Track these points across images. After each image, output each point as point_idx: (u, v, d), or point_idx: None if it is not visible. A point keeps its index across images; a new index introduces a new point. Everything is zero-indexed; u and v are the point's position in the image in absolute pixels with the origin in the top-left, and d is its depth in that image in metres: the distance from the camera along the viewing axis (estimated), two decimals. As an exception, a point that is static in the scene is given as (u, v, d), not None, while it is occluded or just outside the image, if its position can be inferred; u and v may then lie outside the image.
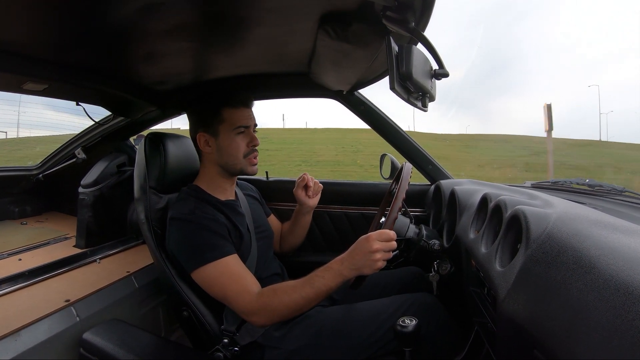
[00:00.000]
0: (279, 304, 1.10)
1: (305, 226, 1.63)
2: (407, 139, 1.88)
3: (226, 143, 1.30)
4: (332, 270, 1.09)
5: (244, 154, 1.31)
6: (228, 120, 1.29)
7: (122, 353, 1.10)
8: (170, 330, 1.71)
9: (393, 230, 1.09)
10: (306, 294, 1.09)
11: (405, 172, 1.25)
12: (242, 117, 1.31)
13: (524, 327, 0.68)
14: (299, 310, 1.12)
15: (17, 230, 2.22)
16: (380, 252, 1.04)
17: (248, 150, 1.32)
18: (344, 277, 1.08)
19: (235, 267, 1.18)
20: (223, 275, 1.15)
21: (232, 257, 1.19)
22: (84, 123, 2.10)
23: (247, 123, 1.31)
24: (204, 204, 1.26)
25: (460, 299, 1.28)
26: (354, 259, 1.06)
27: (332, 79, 1.58)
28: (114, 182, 2.04)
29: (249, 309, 1.13)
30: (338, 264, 1.09)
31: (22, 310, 1.19)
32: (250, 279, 1.18)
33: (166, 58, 1.31)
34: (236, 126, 1.29)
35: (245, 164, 1.32)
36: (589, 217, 0.79)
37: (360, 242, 1.07)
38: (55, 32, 1.06)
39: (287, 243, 1.66)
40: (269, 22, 1.06)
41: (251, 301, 1.12)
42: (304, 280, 1.12)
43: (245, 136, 1.32)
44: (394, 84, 0.80)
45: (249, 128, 1.32)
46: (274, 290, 1.14)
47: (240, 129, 1.30)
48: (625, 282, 0.51)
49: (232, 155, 1.31)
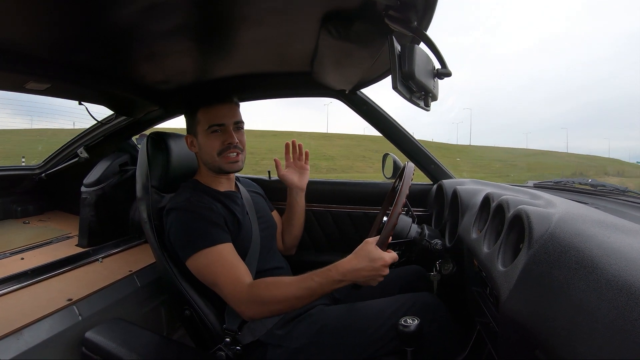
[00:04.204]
0: (269, 297, 1.10)
1: (301, 212, 1.64)
2: (409, 138, 1.88)
3: (202, 142, 1.33)
4: (331, 278, 1.07)
5: (217, 152, 1.32)
6: (202, 120, 1.32)
7: (124, 352, 1.10)
8: (173, 329, 1.71)
9: (395, 230, 1.09)
10: (300, 293, 1.09)
11: (407, 171, 1.25)
12: (215, 115, 1.32)
13: (526, 327, 0.68)
14: (289, 307, 1.12)
15: (19, 229, 2.22)
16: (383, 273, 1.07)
17: (222, 147, 1.32)
18: (341, 286, 1.08)
19: (228, 255, 1.18)
20: (215, 263, 1.16)
21: (226, 245, 1.20)
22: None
23: (221, 121, 1.32)
24: (200, 193, 1.29)
25: (463, 298, 1.28)
26: (358, 273, 1.06)
27: (335, 79, 1.58)
28: (116, 182, 2.04)
29: (238, 299, 1.13)
30: (339, 274, 1.06)
31: (24, 309, 1.19)
32: (243, 268, 1.18)
33: (169, 57, 1.31)
34: (209, 125, 1.31)
35: (221, 162, 1.33)
36: (592, 217, 0.79)
37: (373, 260, 1.06)
38: (57, 32, 1.06)
39: (288, 234, 1.66)
40: (271, 22, 1.06)
41: (241, 291, 1.12)
42: (300, 279, 1.11)
43: (220, 135, 1.32)
44: (397, 83, 0.80)
45: (224, 126, 1.32)
46: (267, 283, 1.13)
47: (214, 128, 1.31)
48: (628, 282, 0.51)
49: (208, 154, 1.34)
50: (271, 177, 2.08)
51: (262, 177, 2.10)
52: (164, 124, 2.10)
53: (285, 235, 1.67)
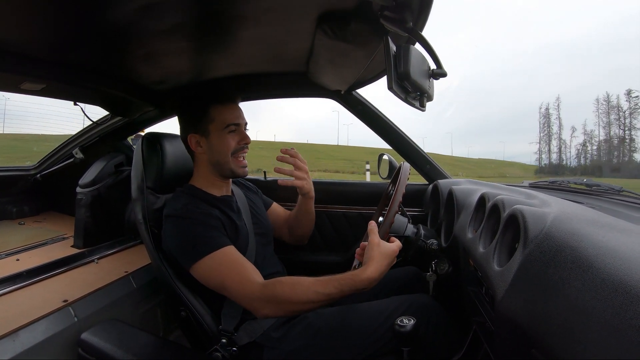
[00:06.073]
0: (284, 298, 1.08)
1: (309, 212, 1.57)
2: (405, 138, 1.89)
3: (217, 142, 1.30)
4: (354, 287, 1.04)
5: (232, 151, 1.31)
6: (218, 119, 1.29)
7: (120, 353, 1.10)
8: (169, 330, 1.70)
9: (391, 230, 1.09)
10: (317, 298, 1.06)
11: (403, 171, 1.25)
12: (231, 115, 1.31)
13: (522, 327, 0.68)
14: (304, 309, 1.12)
15: (14, 230, 2.20)
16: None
17: (238, 147, 1.31)
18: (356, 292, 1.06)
19: (233, 256, 1.17)
20: (222, 266, 1.15)
21: (229, 247, 1.18)
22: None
23: (238, 121, 1.31)
24: (197, 200, 1.27)
25: (459, 298, 1.28)
26: (381, 275, 1.06)
27: (330, 79, 1.58)
28: (111, 182, 2.03)
29: (250, 297, 1.11)
30: (367, 281, 1.03)
31: (20, 311, 1.18)
32: (252, 268, 1.17)
33: (164, 58, 1.31)
34: (227, 124, 1.29)
35: (233, 163, 1.32)
36: (587, 217, 0.79)
37: (388, 256, 1.06)
38: (53, 32, 1.06)
39: (296, 232, 1.63)
40: (267, 21, 1.06)
41: (253, 290, 1.10)
42: (319, 284, 1.07)
43: (236, 134, 1.32)
44: (392, 83, 0.80)
45: (239, 126, 1.32)
46: (282, 283, 1.11)
47: (232, 127, 1.30)
48: (623, 281, 0.51)
49: (220, 154, 1.31)
50: (267, 177, 2.08)
51: (258, 177, 2.09)
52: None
53: (293, 231, 1.64)
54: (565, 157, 52.30)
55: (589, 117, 54.58)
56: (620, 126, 50.00)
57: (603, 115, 50.59)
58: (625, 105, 49.07)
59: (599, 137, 52.28)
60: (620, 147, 50.77)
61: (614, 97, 50.15)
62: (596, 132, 52.69)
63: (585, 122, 53.98)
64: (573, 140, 53.17)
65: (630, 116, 48.39)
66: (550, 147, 51.48)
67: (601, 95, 70.27)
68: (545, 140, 52.38)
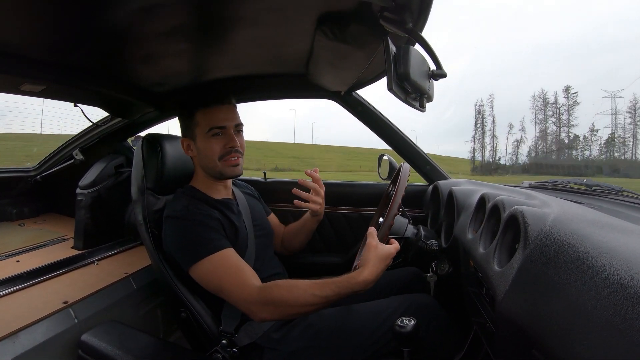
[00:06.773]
0: (281, 301, 1.06)
1: (312, 230, 1.59)
2: (405, 139, 1.89)
3: (202, 146, 1.29)
4: (351, 290, 1.03)
5: (219, 156, 1.28)
6: (201, 123, 1.27)
7: (120, 355, 1.10)
8: (169, 331, 1.70)
9: (391, 231, 1.09)
10: (315, 300, 1.04)
11: (403, 172, 1.25)
12: (215, 118, 1.27)
13: (523, 327, 0.68)
14: (302, 312, 1.11)
15: (14, 231, 2.21)
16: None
17: (224, 151, 1.28)
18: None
19: (232, 259, 1.16)
20: (219, 269, 1.14)
21: (228, 250, 1.17)
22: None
23: (222, 124, 1.27)
24: (197, 201, 1.26)
25: (459, 299, 1.28)
26: (378, 277, 1.04)
27: (330, 80, 1.58)
28: (111, 184, 2.03)
29: (248, 301, 1.09)
30: (363, 284, 1.02)
31: (20, 312, 1.18)
32: (249, 271, 1.16)
33: (164, 59, 1.31)
34: (209, 128, 1.26)
35: (222, 166, 1.29)
36: (587, 217, 0.79)
37: (385, 259, 1.05)
38: (52, 34, 1.06)
39: (290, 246, 1.63)
40: (266, 22, 1.06)
41: (251, 293, 1.09)
42: (316, 286, 1.05)
43: (222, 138, 1.28)
44: (392, 84, 0.80)
45: (225, 129, 1.28)
46: (279, 286, 1.09)
47: (215, 131, 1.27)
48: (624, 281, 0.51)
49: (208, 159, 1.29)
50: (267, 178, 2.08)
51: (258, 178, 2.09)
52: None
53: (285, 244, 1.64)
54: (501, 154, 52.02)
55: (526, 115, 54.31)
56: (555, 123, 49.82)
57: (539, 112, 50.23)
58: (563, 102, 48.72)
59: (536, 134, 51.93)
60: (557, 144, 50.61)
61: (550, 94, 49.74)
62: (531, 129, 52.38)
63: (523, 119, 53.70)
64: (510, 137, 52.96)
65: (567, 112, 48.06)
66: (484, 145, 51.14)
67: (537, 92, 69.83)
68: (479, 138, 52.06)
